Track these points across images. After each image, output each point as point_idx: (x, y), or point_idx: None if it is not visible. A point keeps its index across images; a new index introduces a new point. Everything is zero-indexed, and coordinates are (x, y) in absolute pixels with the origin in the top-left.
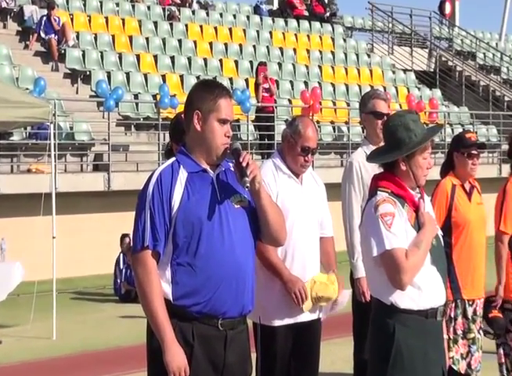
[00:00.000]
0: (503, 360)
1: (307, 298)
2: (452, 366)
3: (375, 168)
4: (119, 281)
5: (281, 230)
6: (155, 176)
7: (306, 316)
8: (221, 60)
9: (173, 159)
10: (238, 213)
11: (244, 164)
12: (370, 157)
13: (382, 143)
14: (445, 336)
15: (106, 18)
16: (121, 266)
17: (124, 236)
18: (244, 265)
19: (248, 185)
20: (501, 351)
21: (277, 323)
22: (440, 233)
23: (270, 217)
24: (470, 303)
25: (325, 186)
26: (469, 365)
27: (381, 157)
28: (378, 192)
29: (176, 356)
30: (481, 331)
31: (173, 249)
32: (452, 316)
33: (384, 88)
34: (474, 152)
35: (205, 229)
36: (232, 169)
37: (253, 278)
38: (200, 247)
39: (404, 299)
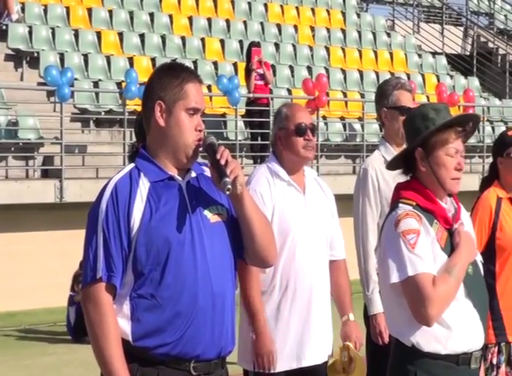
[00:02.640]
0: None
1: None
2: None
3: (397, 177)
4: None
5: (270, 247)
6: (109, 188)
7: (311, 360)
8: (203, 39)
9: (132, 165)
10: (215, 229)
11: (223, 162)
12: (391, 164)
13: (405, 146)
14: None
15: None
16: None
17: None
18: (222, 294)
19: (230, 187)
20: None
21: (273, 370)
22: (480, 258)
23: (256, 229)
24: None
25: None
26: None
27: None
28: (400, 205)
29: None
30: None
31: (134, 279)
32: (495, 362)
33: (408, 75)
34: None
35: (173, 252)
36: (207, 173)
37: (233, 310)
38: (166, 276)
39: (429, 340)
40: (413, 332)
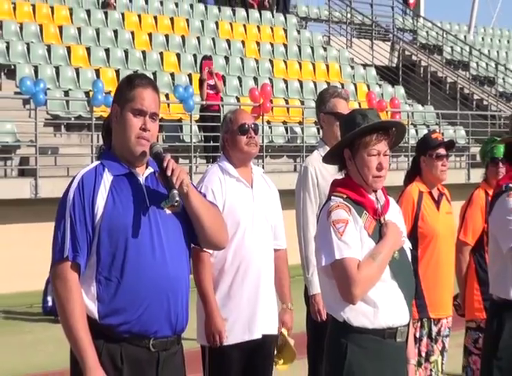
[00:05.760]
0: None
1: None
2: None
3: (333, 174)
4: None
5: (220, 233)
6: (76, 180)
7: (260, 332)
8: (161, 53)
9: (97, 162)
10: (170, 219)
11: (169, 173)
12: (325, 158)
13: None
14: (413, 361)
15: (33, 5)
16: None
17: None
18: (177, 278)
19: (178, 199)
20: (464, 375)
21: (228, 342)
22: (408, 245)
23: (205, 221)
24: (436, 322)
25: None
26: None
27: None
28: (332, 197)
29: None
30: (444, 353)
31: (97, 261)
32: (418, 336)
33: (342, 84)
34: (442, 152)
35: (133, 239)
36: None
37: (187, 292)
38: (127, 260)
39: (357, 316)
40: (344, 309)
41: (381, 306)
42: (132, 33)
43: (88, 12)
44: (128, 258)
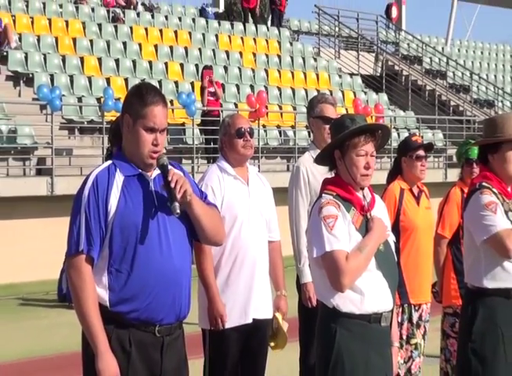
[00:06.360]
0: (444, 365)
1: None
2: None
3: (323, 173)
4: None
5: (218, 232)
6: (91, 179)
7: (255, 316)
8: (166, 63)
9: (109, 162)
10: (175, 219)
11: (173, 185)
12: (317, 159)
13: None
14: (396, 344)
15: (50, 20)
16: None
17: None
18: (181, 271)
19: (178, 211)
20: (442, 356)
21: (226, 325)
22: (393, 238)
23: (205, 224)
24: (416, 308)
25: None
26: (409, 369)
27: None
28: (323, 195)
29: (109, 364)
30: (426, 336)
31: (109, 254)
32: (399, 321)
33: (331, 92)
34: (421, 154)
35: (142, 235)
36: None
37: (189, 283)
38: (137, 254)
39: (345, 303)
40: (333, 296)
41: (367, 294)
42: (140, 45)
43: (100, 25)
44: (138, 252)
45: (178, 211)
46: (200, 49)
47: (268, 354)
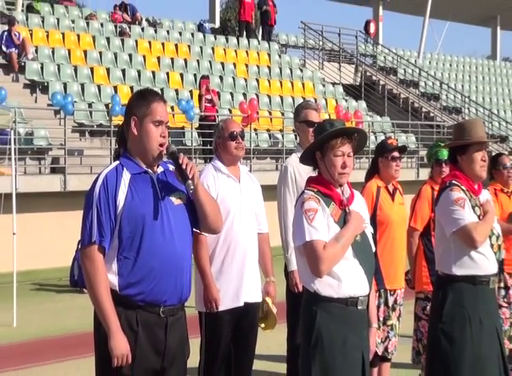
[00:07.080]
0: (416, 344)
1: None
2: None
3: (308, 172)
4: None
5: (217, 220)
6: (101, 178)
7: (246, 299)
8: (167, 73)
9: (117, 162)
10: (177, 209)
11: (184, 167)
12: (302, 158)
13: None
14: (375, 325)
15: (63, 34)
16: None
17: None
18: (183, 257)
19: (192, 187)
20: (415, 336)
21: (220, 308)
22: (371, 230)
23: (207, 209)
24: (392, 293)
25: (261, 188)
26: (386, 348)
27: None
28: (305, 191)
29: (120, 343)
30: (400, 319)
31: (119, 244)
32: (376, 304)
33: (315, 99)
34: (396, 155)
35: (148, 225)
36: (171, 169)
37: (190, 268)
38: (143, 242)
39: (325, 287)
40: (313, 282)
41: (344, 279)
42: (144, 56)
43: (108, 39)
44: (144, 241)
45: (192, 187)
46: (198, 61)
47: (259, 334)
